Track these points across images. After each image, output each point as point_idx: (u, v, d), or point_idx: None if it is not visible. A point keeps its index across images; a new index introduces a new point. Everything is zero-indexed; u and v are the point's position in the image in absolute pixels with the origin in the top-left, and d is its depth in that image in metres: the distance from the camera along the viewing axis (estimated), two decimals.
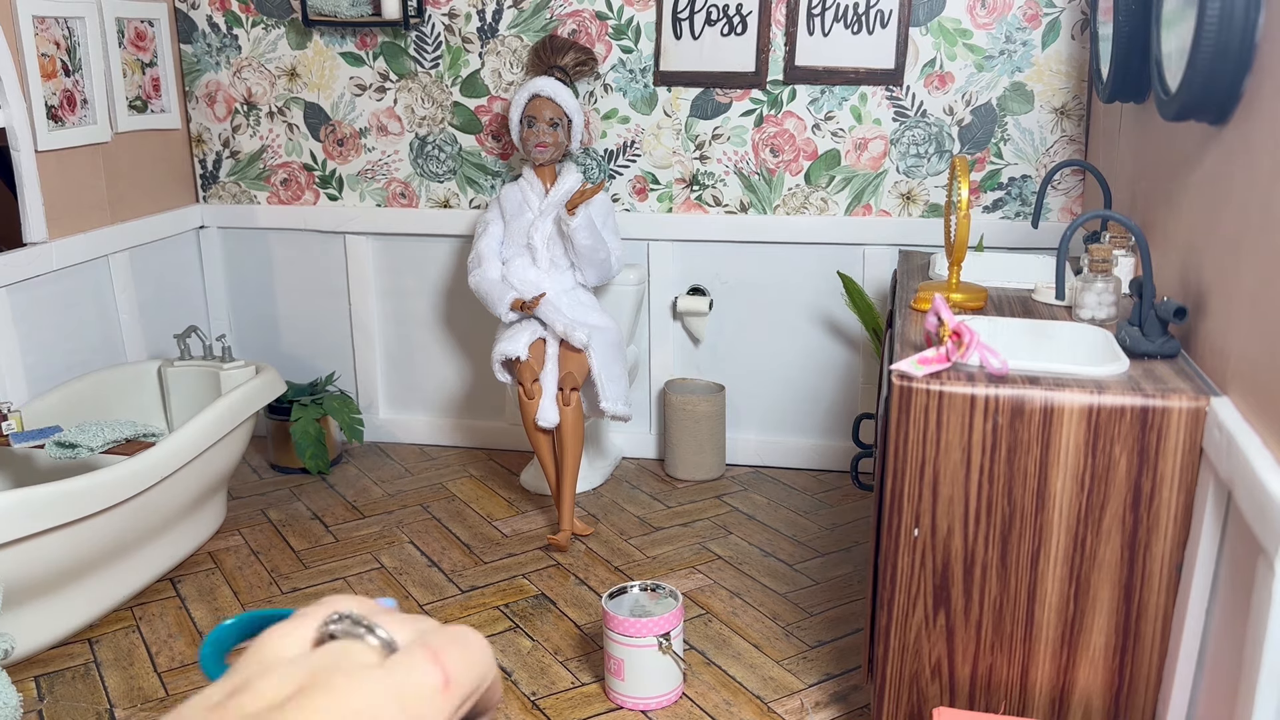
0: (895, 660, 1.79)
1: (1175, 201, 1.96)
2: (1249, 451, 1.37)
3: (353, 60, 3.34)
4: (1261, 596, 1.29)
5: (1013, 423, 1.63)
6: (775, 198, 3.21)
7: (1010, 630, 1.74)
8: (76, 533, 2.25)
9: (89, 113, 2.98)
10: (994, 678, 1.77)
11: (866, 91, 3.07)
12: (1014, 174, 3.06)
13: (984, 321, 1.97)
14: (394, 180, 3.43)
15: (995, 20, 2.95)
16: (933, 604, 1.75)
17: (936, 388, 1.64)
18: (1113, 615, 1.69)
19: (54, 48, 2.83)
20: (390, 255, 3.51)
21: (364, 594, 2.63)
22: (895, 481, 1.70)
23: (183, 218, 3.45)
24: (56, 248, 2.83)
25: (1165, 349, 1.75)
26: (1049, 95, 2.98)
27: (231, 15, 3.37)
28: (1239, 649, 1.42)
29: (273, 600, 2.62)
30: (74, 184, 2.93)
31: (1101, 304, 2.02)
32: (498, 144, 3.34)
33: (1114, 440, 1.61)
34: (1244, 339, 1.51)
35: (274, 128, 3.45)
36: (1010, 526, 1.68)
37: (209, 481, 2.73)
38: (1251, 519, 1.32)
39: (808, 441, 3.39)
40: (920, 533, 1.71)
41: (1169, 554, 1.64)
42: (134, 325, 3.20)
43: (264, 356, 3.66)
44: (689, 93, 3.18)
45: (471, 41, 3.26)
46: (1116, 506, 1.64)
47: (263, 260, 3.59)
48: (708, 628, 2.47)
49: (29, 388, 2.77)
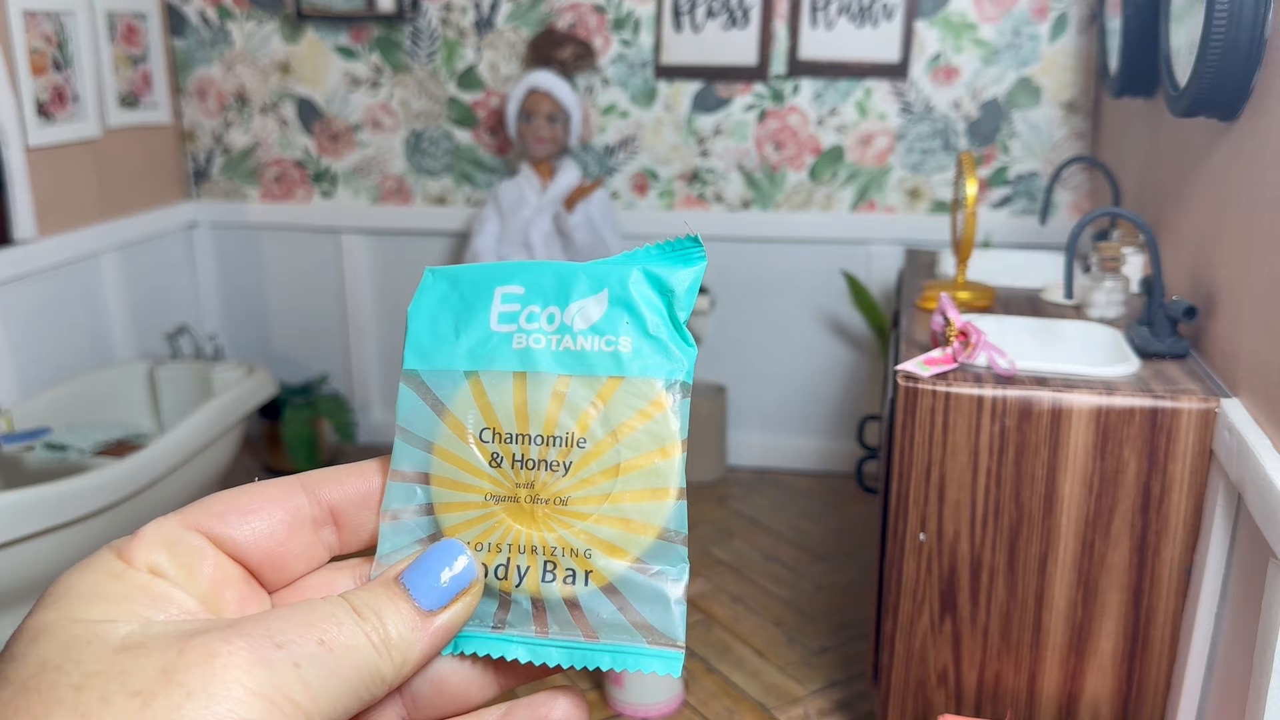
0: (900, 667, 1.75)
1: (1185, 198, 1.93)
2: (1260, 454, 1.34)
3: (346, 54, 3.30)
4: (1272, 600, 1.26)
5: (1020, 424, 1.59)
6: (778, 194, 3.17)
7: (1017, 636, 1.70)
8: (66, 536, 2.22)
9: (79, 108, 2.94)
10: (1001, 684, 1.73)
11: (871, 86, 3.03)
12: (1022, 170, 3.02)
13: (991, 321, 1.93)
14: (388, 176, 3.39)
15: (1002, 14, 2.91)
16: (939, 609, 1.71)
17: (943, 389, 1.61)
18: (1121, 620, 1.65)
19: (44, 43, 2.79)
20: (385, 253, 3.47)
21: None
22: (901, 484, 1.67)
23: (174, 215, 3.41)
24: (45, 246, 2.80)
25: (1175, 349, 1.72)
26: (1057, 90, 2.94)
27: (223, 9, 3.33)
28: (1249, 654, 1.39)
29: None
30: (64, 181, 2.89)
31: (1110, 303, 1.98)
32: (494, 139, 3.29)
33: (1123, 442, 1.57)
34: (1255, 339, 1.48)
35: (266, 123, 3.41)
36: (1018, 530, 1.65)
37: (200, 484, 2.70)
38: (1262, 522, 1.30)
39: (811, 443, 3.35)
40: (926, 537, 1.68)
41: (1178, 558, 1.60)
42: (124, 325, 3.16)
43: (256, 356, 3.62)
44: (690, 86, 3.14)
45: (468, 35, 3.21)
46: (1126, 510, 1.60)
47: (255, 258, 3.55)
48: (709, 634, 2.43)
49: (18, 389, 2.73)
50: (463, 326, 0.37)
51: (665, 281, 0.37)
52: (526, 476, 0.36)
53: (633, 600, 0.35)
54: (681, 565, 0.35)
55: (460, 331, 0.37)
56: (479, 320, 0.37)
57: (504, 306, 0.37)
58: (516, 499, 0.36)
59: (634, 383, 0.36)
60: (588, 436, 0.36)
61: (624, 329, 0.36)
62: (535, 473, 0.36)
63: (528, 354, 0.36)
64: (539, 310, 0.37)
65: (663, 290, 0.37)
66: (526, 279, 0.37)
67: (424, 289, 0.38)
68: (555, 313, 0.37)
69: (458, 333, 0.37)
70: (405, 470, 0.37)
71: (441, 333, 0.37)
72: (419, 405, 0.37)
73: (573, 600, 0.35)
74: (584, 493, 0.35)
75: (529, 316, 0.37)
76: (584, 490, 0.36)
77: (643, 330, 0.36)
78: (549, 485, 0.36)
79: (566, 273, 0.37)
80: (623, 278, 0.37)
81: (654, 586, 0.35)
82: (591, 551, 0.35)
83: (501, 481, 0.36)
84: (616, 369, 0.36)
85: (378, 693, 0.32)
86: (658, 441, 0.36)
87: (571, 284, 0.37)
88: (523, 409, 0.36)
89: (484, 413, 0.36)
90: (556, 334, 0.36)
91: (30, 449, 2.48)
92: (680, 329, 0.37)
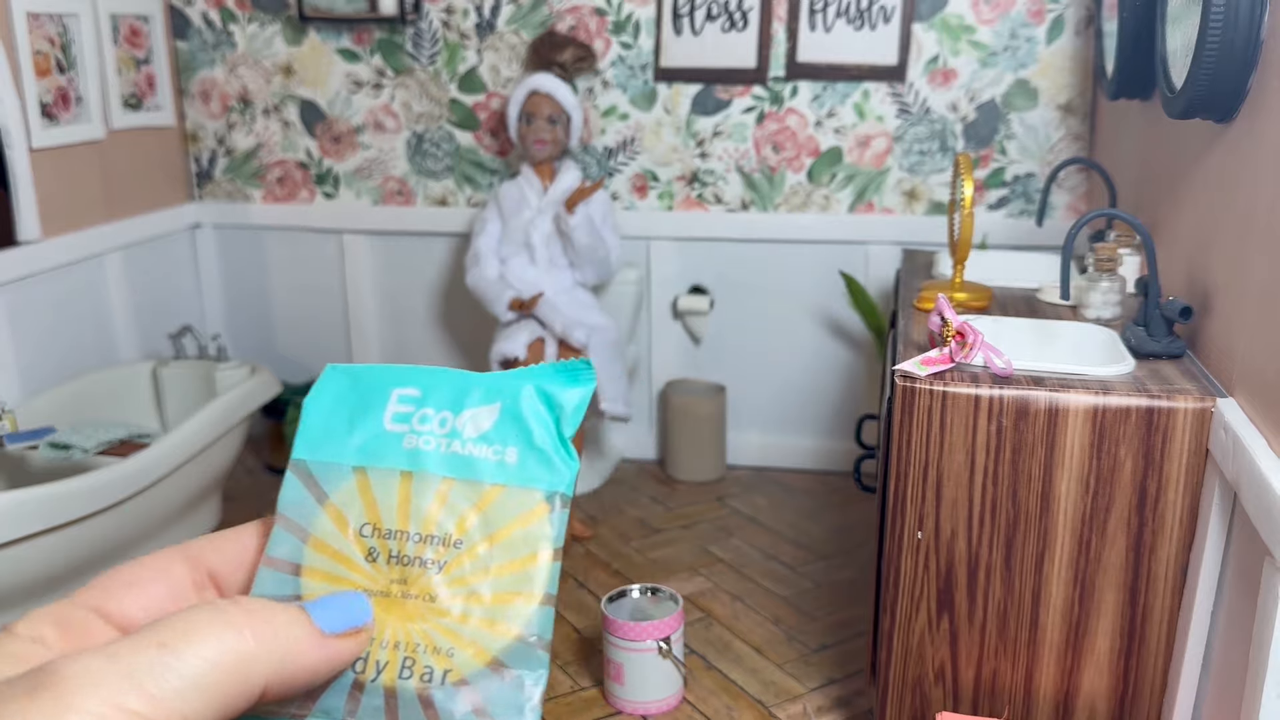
0: (898, 664, 1.77)
1: (1181, 199, 1.94)
2: (1255, 453, 1.35)
3: (349, 56, 3.31)
4: (1267, 599, 1.28)
5: (1017, 424, 1.61)
6: (777, 195, 3.19)
7: (1014, 634, 1.71)
8: (70, 535, 2.23)
9: (83, 110, 2.95)
10: (998, 682, 1.75)
11: (869, 88, 3.05)
12: (1018, 171, 3.04)
13: (988, 321, 1.95)
14: (390, 178, 3.41)
15: (999, 16, 2.93)
16: (936, 607, 1.72)
17: (940, 388, 1.62)
18: (1118, 618, 1.67)
19: (48, 45, 2.81)
20: (387, 254, 3.48)
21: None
22: (898, 483, 1.68)
23: (177, 216, 3.42)
24: (50, 246, 2.81)
25: (1171, 349, 1.73)
26: (1053, 92, 2.95)
27: (226, 12, 3.34)
28: (1245, 652, 1.41)
29: None
30: (68, 182, 2.90)
31: (1107, 303, 1.99)
32: (495, 141, 3.31)
33: (1119, 441, 1.58)
34: (1251, 339, 1.49)
35: (269, 125, 3.43)
36: (1014, 529, 1.66)
37: (204, 483, 2.71)
38: (1258, 521, 1.31)
39: (809, 443, 3.37)
40: (924, 535, 1.69)
41: (1174, 557, 1.62)
42: (128, 325, 3.18)
43: (259, 356, 3.64)
44: (689, 89, 3.15)
45: (469, 37, 3.23)
46: (1122, 508, 1.61)
47: (258, 259, 3.56)
48: (708, 631, 2.44)
49: (22, 388, 2.75)
50: (357, 422, 0.39)
51: (555, 399, 0.39)
52: (400, 572, 0.37)
53: (487, 701, 0.35)
54: (540, 671, 0.36)
55: (354, 427, 0.39)
56: (373, 418, 0.39)
57: (399, 407, 0.39)
58: (389, 594, 0.37)
59: (515, 491, 0.37)
60: (465, 538, 0.37)
61: (512, 440, 0.38)
62: (409, 568, 0.37)
63: (416, 454, 0.38)
64: (432, 414, 0.38)
65: (552, 407, 0.39)
66: (424, 383, 0.39)
67: (323, 383, 0.40)
68: (448, 417, 0.38)
69: (351, 428, 0.39)
70: (278, 558, 0.37)
71: (334, 427, 0.39)
72: (302, 495, 0.38)
73: (426, 697, 0.36)
74: (453, 591, 0.36)
75: (422, 419, 0.38)
76: (454, 589, 0.36)
77: (529, 443, 0.38)
78: (420, 581, 0.37)
79: (463, 381, 0.39)
80: (515, 391, 0.39)
81: (510, 689, 0.36)
82: (453, 650, 0.36)
83: (375, 577, 0.37)
84: (500, 477, 0.37)
85: (251, 690, 0.31)
86: (531, 547, 0.37)
87: (466, 392, 0.39)
88: (405, 506, 0.37)
89: (367, 508, 0.38)
90: (446, 438, 0.38)
91: (34, 448, 2.50)
92: (565, 444, 0.38)
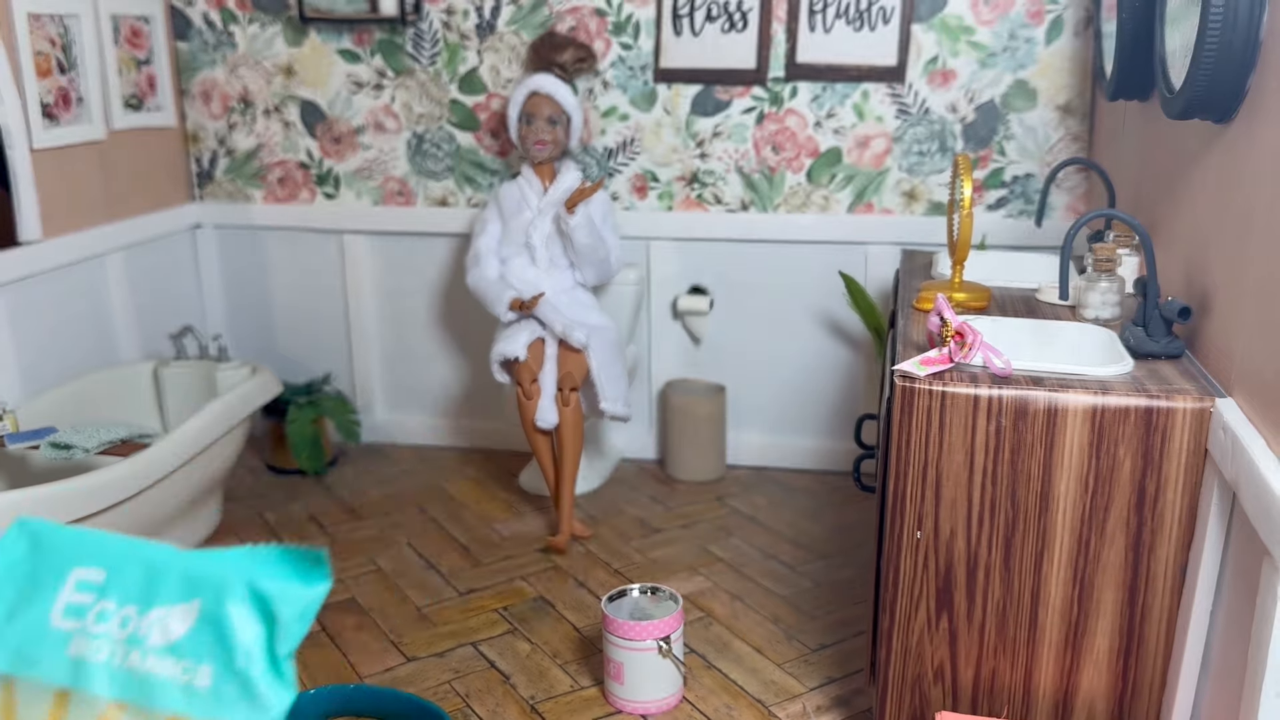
0: (898, 664, 1.77)
1: (1180, 200, 1.95)
2: (1254, 453, 1.36)
3: (349, 57, 3.32)
4: (1266, 599, 1.28)
5: (1016, 424, 1.61)
6: (776, 196, 3.19)
7: (1013, 633, 1.72)
8: None
9: (84, 111, 2.96)
10: (997, 681, 1.75)
11: (869, 89, 3.05)
12: (1017, 172, 3.04)
13: (987, 321, 1.95)
14: (391, 178, 3.41)
15: (998, 17, 2.93)
16: (935, 607, 1.73)
17: (939, 388, 1.63)
18: (1117, 618, 1.67)
19: (49, 45, 2.81)
20: (387, 254, 3.49)
21: (361, 595, 2.62)
22: (898, 483, 1.69)
23: (178, 216, 3.43)
24: (51, 247, 2.81)
25: (1170, 349, 1.73)
26: (1053, 93, 2.96)
27: (227, 12, 3.35)
28: (1244, 652, 1.41)
29: None
30: (69, 182, 2.91)
31: (1105, 304, 2.00)
32: (496, 141, 3.31)
33: (1118, 441, 1.59)
34: (1249, 339, 1.50)
35: (270, 125, 3.43)
36: (1014, 528, 1.67)
37: (205, 483, 2.71)
38: (1256, 521, 1.31)
39: (809, 442, 3.37)
40: (923, 535, 1.69)
41: (1173, 556, 1.62)
42: (129, 325, 3.18)
43: (260, 357, 3.64)
44: (689, 90, 3.16)
45: (469, 38, 3.23)
46: (1121, 508, 1.62)
47: (259, 259, 3.57)
48: (708, 631, 2.45)
49: (23, 388, 2.75)
50: (20, 610, 0.28)
51: (271, 604, 0.28)
52: None
53: None
54: None
55: (15, 616, 0.28)
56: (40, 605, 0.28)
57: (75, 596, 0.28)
58: None
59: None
60: None
61: (207, 656, 0.28)
62: None
63: (81, 666, 0.28)
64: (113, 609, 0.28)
65: (266, 615, 0.28)
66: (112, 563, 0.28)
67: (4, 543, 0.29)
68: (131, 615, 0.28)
69: (11, 617, 0.28)
70: None
71: None
72: None
73: None
74: None
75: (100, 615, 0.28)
76: None
77: (228, 663, 0.28)
78: None
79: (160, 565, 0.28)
80: (222, 590, 0.28)
81: None
82: None
83: None
84: (183, 706, 0.27)
85: None
86: None
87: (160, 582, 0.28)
88: None
89: None
90: (125, 645, 0.28)
91: (35, 448, 2.50)
92: (278, 666, 0.28)
